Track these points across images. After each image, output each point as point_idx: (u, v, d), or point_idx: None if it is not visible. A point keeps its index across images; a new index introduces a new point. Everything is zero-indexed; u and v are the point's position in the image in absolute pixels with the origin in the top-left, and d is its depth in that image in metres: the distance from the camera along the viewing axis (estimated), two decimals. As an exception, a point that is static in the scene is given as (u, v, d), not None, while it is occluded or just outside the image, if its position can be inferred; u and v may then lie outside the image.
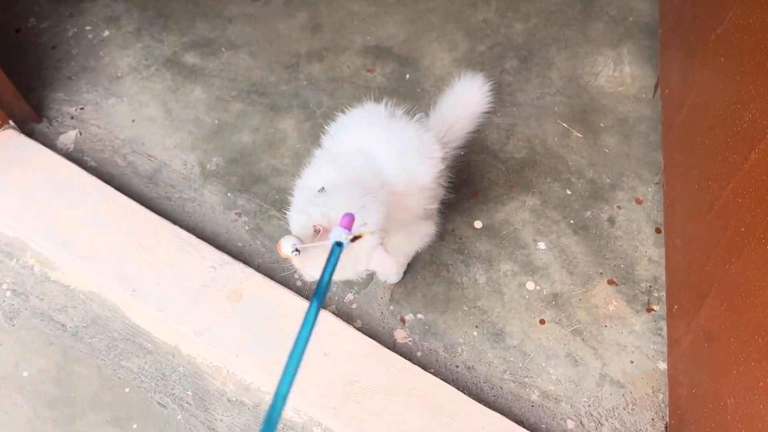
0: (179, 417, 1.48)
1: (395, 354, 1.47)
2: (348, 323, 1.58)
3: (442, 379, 1.52)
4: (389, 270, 1.29)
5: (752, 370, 1.11)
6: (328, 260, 0.99)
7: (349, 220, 1.07)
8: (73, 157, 1.79)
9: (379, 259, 1.22)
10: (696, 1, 1.71)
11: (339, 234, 1.09)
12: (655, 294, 1.63)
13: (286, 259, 1.16)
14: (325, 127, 1.49)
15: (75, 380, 1.53)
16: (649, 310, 1.62)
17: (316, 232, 1.19)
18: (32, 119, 1.83)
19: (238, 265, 1.57)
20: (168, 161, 1.83)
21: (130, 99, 1.94)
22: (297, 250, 1.13)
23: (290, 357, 0.85)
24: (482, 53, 2.05)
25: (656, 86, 1.94)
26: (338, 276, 1.25)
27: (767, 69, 1.24)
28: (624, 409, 1.49)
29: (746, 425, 1.11)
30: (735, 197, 1.29)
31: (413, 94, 1.96)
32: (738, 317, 1.20)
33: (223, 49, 2.05)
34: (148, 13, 2.13)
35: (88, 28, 2.09)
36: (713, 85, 1.50)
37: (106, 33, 2.08)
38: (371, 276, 1.65)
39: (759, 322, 1.11)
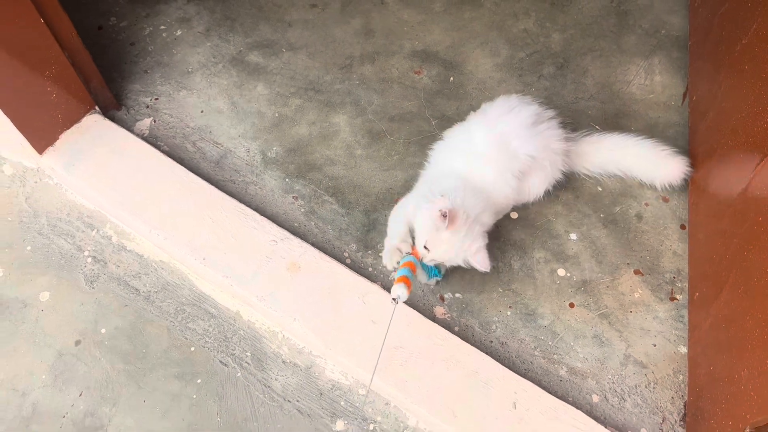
0: (239, 375, 1.65)
1: (436, 325, 1.62)
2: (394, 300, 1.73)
3: (478, 351, 1.66)
4: (487, 269, 1.56)
5: (765, 343, 1.23)
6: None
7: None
8: (148, 141, 1.98)
9: (483, 259, 1.54)
10: (725, 14, 1.85)
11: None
12: (679, 285, 1.75)
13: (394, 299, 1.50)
14: (377, 122, 1.74)
15: (146, 339, 1.71)
16: (672, 299, 1.74)
17: (443, 216, 1.47)
18: (113, 106, 2.03)
19: (297, 240, 1.73)
20: (233, 148, 2.01)
21: (199, 92, 2.13)
22: (396, 299, 1.49)
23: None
24: (522, 60, 2.20)
25: (685, 94, 2.07)
26: (443, 255, 1.57)
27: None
28: (646, 387, 1.61)
29: (758, 393, 1.23)
30: (753, 191, 1.42)
31: (457, 95, 2.12)
32: (753, 299, 1.32)
33: (284, 50, 2.24)
34: (216, 16, 2.33)
35: (162, 27, 2.30)
36: (737, 91, 1.63)
37: (179, 32, 2.29)
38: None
39: None
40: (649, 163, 1.86)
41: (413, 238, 1.62)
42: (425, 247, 1.56)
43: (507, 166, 1.70)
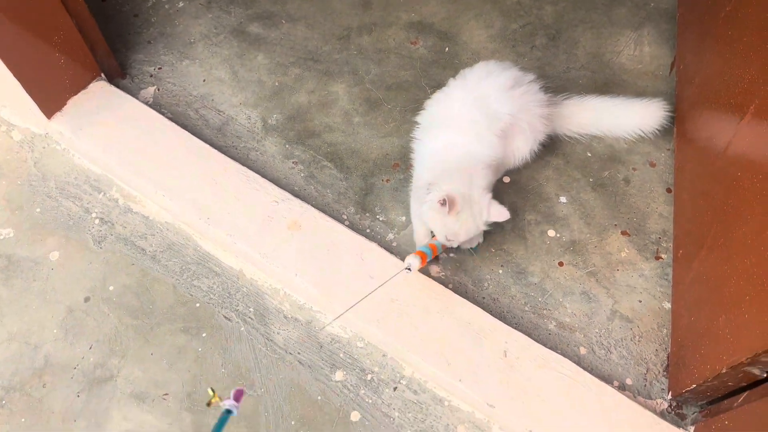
0: (242, 329, 1.72)
1: (431, 279, 1.69)
2: (391, 254, 1.80)
3: (471, 305, 1.73)
4: (506, 216, 1.61)
5: (741, 288, 1.31)
6: (217, 424, 1.06)
7: (237, 395, 1.14)
8: (153, 108, 2.04)
9: (498, 209, 1.60)
10: (711, -15, 1.91)
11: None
12: (664, 245, 1.82)
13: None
14: (374, 91, 1.78)
15: (153, 295, 1.78)
16: (658, 258, 1.81)
17: (443, 205, 1.54)
18: (118, 75, 2.09)
19: (297, 201, 1.80)
20: (234, 116, 2.07)
21: (201, 62, 2.19)
22: (409, 269, 1.59)
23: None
24: (515, 31, 2.26)
25: (672, 64, 2.13)
26: (466, 234, 1.62)
27: (764, 39, 1.44)
28: (631, 340, 1.68)
29: (734, 335, 1.31)
30: (734, 149, 1.49)
31: (451, 65, 2.18)
32: (731, 249, 1.39)
33: (284, 21, 2.30)
34: (217, -12, 2.39)
35: (164, -1, 2.36)
36: (721, 56, 1.70)
37: (181, 4, 2.35)
38: (411, 221, 1.87)
39: (746, 248, 1.31)
40: (627, 113, 1.94)
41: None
42: (447, 239, 1.62)
43: (488, 127, 1.74)
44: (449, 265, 1.80)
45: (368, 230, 1.86)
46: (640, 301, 1.74)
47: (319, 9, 2.33)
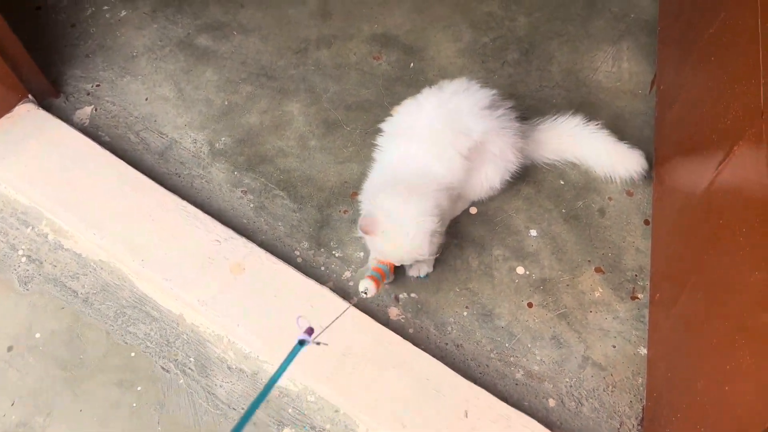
0: (181, 381, 1.57)
1: (387, 329, 1.55)
2: (344, 299, 1.66)
3: (431, 355, 1.60)
4: (422, 253, 1.48)
5: (721, 355, 1.18)
6: (289, 354, 1.13)
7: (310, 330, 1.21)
8: (89, 131, 1.87)
9: (422, 241, 1.44)
10: (694, 0, 1.77)
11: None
12: (640, 283, 1.70)
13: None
14: (332, 111, 1.62)
15: (84, 343, 1.62)
16: (634, 298, 1.68)
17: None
18: (50, 94, 1.91)
19: (242, 240, 1.65)
20: (179, 139, 1.90)
21: (144, 78, 2.01)
22: (365, 293, 1.45)
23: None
24: (485, 45, 2.11)
25: (652, 83, 1.99)
26: (397, 259, 1.52)
27: (750, 70, 1.30)
28: (604, 390, 1.56)
29: (712, 406, 1.18)
30: (715, 191, 1.35)
31: (417, 82, 2.02)
32: (712, 306, 1.27)
33: (235, 33, 2.12)
34: (163, -5, 2.20)
35: (105, 7, 2.17)
36: (703, 82, 1.56)
37: (123, 13, 2.16)
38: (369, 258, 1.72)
39: (730, 311, 1.18)
40: (605, 156, 1.80)
41: None
42: (377, 260, 1.50)
43: (454, 143, 1.59)
44: (410, 307, 1.66)
45: (323, 267, 1.71)
46: (614, 347, 1.61)
47: (275, 19, 2.16)
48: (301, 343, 1.13)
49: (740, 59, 1.36)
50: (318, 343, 1.25)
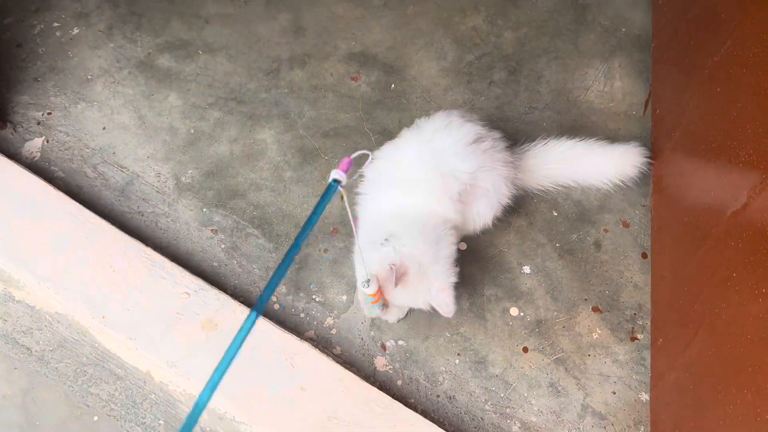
0: (150, 448, 1.44)
1: (375, 389, 1.43)
2: (327, 349, 1.54)
3: (422, 409, 1.50)
4: (449, 314, 1.39)
5: (737, 409, 1.09)
6: (324, 194, 1.06)
7: (347, 164, 1.13)
8: (40, 166, 1.70)
9: (447, 300, 1.37)
10: (693, 20, 1.66)
11: (337, 174, 1.21)
12: (640, 322, 1.61)
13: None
14: (309, 138, 1.49)
15: (41, 408, 1.48)
16: (633, 338, 1.59)
17: (391, 269, 1.33)
18: (-5, 125, 1.73)
19: (213, 291, 1.51)
20: (140, 173, 1.74)
21: (100, 104, 1.84)
22: (368, 281, 1.33)
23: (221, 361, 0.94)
24: (470, 63, 1.98)
25: (646, 103, 1.89)
26: (405, 303, 1.47)
27: (765, 109, 1.20)
28: (605, 441, 1.47)
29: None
30: (727, 239, 1.26)
31: (399, 106, 1.89)
32: (725, 360, 1.18)
33: (200, 52, 1.96)
34: (120, 10, 2.01)
35: (55, 25, 1.98)
36: (708, 115, 1.46)
37: (76, 31, 1.97)
38: (354, 303, 1.60)
39: (745, 366, 1.09)
40: (604, 163, 1.71)
41: None
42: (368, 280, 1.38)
43: (444, 189, 1.49)
44: (398, 356, 1.55)
45: (302, 314, 1.58)
46: (614, 393, 1.52)
47: (243, 37, 1.99)
48: (336, 182, 1.05)
49: (752, 97, 1.26)
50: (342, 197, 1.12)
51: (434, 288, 1.38)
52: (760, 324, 1.08)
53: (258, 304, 0.91)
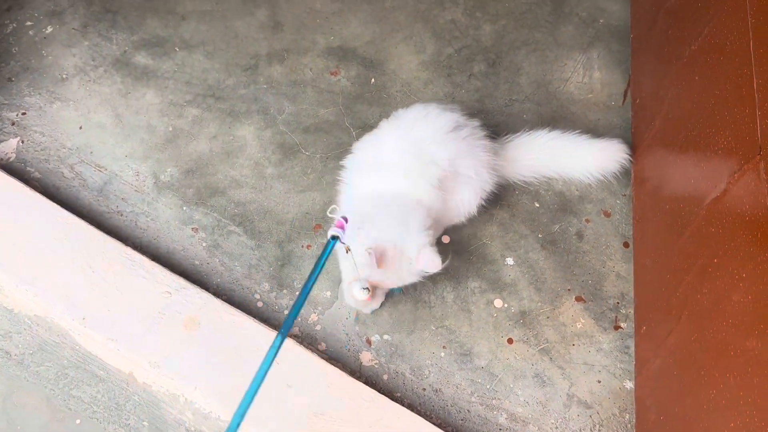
0: (135, 449, 1.42)
1: (361, 384, 1.43)
2: (312, 346, 1.53)
3: (409, 403, 1.49)
4: (436, 268, 1.38)
5: (721, 393, 1.10)
6: (322, 253, 1.15)
7: (341, 223, 1.24)
8: (15, 168, 1.67)
9: (428, 258, 1.36)
10: (671, 10, 1.67)
11: (334, 231, 1.31)
12: (623, 311, 1.62)
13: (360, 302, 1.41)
14: (289, 134, 1.49)
15: (21, 412, 1.45)
16: (617, 327, 1.60)
17: (370, 253, 1.32)
18: (-32, 126, 1.70)
19: (195, 290, 1.49)
20: (119, 172, 1.72)
21: (76, 103, 1.81)
22: (367, 288, 1.34)
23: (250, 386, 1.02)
24: (450, 56, 1.97)
25: (625, 93, 1.90)
26: (391, 284, 1.46)
27: (742, 98, 1.20)
28: (591, 430, 1.48)
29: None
30: (708, 225, 1.27)
31: (379, 100, 1.88)
32: (708, 345, 1.19)
33: (177, 49, 1.93)
34: (94, 8, 1.98)
35: (28, 23, 1.94)
36: (687, 103, 1.47)
37: (49, 29, 1.94)
38: (338, 298, 1.60)
39: (727, 350, 1.10)
40: (586, 156, 1.72)
41: None
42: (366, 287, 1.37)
43: (424, 176, 1.49)
44: (383, 351, 1.54)
45: (286, 311, 1.57)
46: (599, 381, 1.53)
47: (220, 33, 1.97)
48: (334, 238, 1.12)
49: (730, 84, 1.27)
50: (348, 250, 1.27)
51: (414, 253, 1.38)
52: (741, 308, 1.09)
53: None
